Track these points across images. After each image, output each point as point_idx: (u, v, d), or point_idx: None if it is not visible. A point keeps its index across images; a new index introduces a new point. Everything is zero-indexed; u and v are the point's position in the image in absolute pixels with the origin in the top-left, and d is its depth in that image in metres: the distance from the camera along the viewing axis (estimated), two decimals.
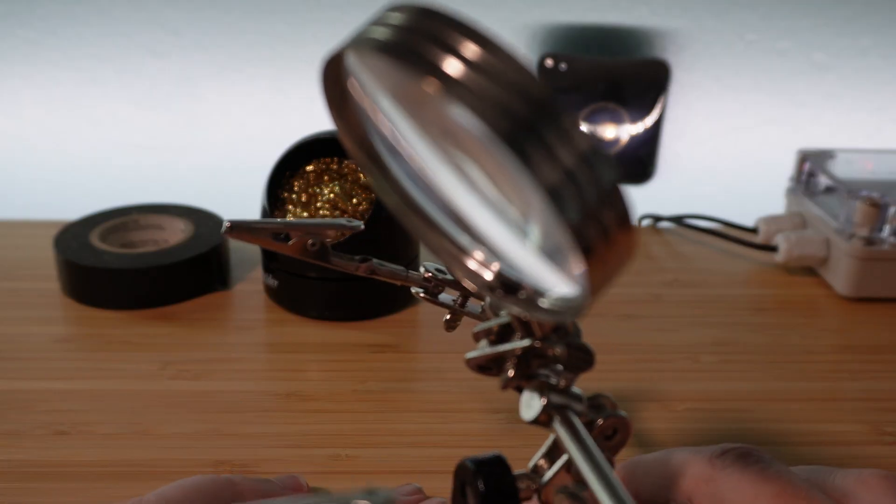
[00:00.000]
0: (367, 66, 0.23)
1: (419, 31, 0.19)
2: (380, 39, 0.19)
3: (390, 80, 0.22)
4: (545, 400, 0.28)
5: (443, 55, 0.18)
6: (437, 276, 0.36)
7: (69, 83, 0.75)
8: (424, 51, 0.18)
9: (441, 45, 0.18)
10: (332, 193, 0.53)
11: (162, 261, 0.55)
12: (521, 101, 0.18)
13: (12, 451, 0.42)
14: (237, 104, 0.76)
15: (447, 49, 0.18)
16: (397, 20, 0.19)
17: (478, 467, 0.28)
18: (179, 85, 0.75)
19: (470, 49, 0.18)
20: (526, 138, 0.18)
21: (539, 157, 0.18)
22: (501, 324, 0.29)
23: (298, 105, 0.76)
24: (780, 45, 0.75)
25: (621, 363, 0.51)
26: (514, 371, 0.28)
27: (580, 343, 0.29)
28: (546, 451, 0.29)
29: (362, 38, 0.20)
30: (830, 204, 0.61)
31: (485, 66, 0.18)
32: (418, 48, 0.19)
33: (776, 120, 0.77)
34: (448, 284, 0.36)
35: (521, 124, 0.18)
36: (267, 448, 0.42)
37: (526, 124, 0.18)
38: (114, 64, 0.74)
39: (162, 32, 0.73)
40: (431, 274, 0.36)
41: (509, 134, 0.18)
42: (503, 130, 0.18)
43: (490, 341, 0.29)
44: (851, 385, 0.49)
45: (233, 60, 0.74)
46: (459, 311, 0.37)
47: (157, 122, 0.76)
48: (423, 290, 0.37)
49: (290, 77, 0.75)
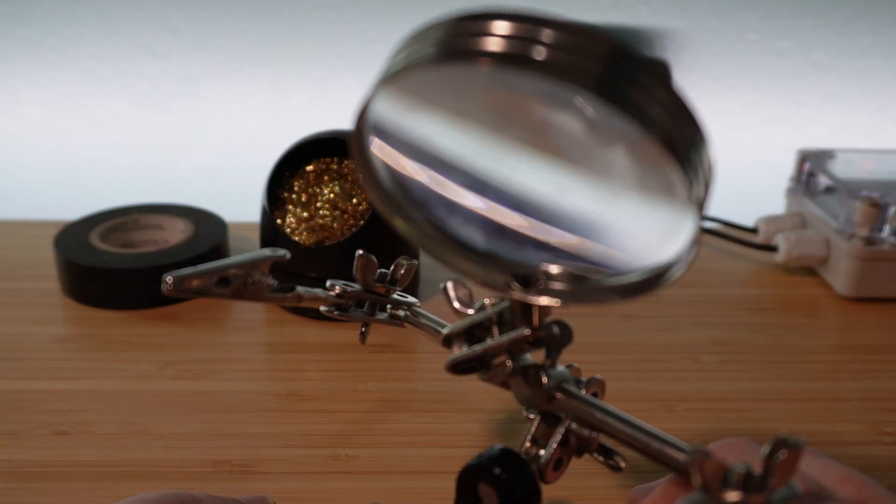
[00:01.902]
0: (407, 103, 0.23)
1: (495, 30, 0.19)
2: (464, 48, 0.20)
3: (450, 102, 0.23)
4: (546, 380, 0.29)
5: (526, 44, 0.19)
6: (347, 290, 0.36)
7: (69, 83, 0.75)
8: (514, 48, 0.19)
9: (521, 36, 0.19)
10: (332, 193, 0.53)
11: (162, 261, 0.55)
12: (607, 59, 0.19)
13: (12, 451, 0.42)
14: (237, 104, 0.76)
15: (527, 38, 0.19)
16: (457, 28, 0.20)
17: (492, 463, 0.28)
18: (179, 85, 0.75)
19: (547, 33, 0.19)
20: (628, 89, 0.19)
21: (642, 101, 0.19)
22: (474, 322, 0.29)
23: (298, 105, 0.76)
24: (780, 45, 0.75)
25: (621, 363, 0.51)
26: (513, 361, 0.29)
27: (563, 321, 0.30)
28: (532, 435, 0.30)
29: (418, 56, 0.20)
30: (830, 204, 0.61)
31: (565, 43, 0.19)
32: (504, 48, 0.19)
33: (776, 120, 0.77)
34: (361, 296, 0.37)
35: (617, 77, 0.19)
36: (267, 448, 0.42)
37: (623, 75, 0.19)
38: (114, 64, 0.74)
39: (162, 32, 0.73)
40: (340, 289, 0.36)
41: (611, 91, 0.19)
42: (612, 91, 0.19)
43: (468, 340, 0.30)
44: (851, 385, 0.49)
45: (233, 60, 0.74)
46: (372, 320, 0.37)
47: (157, 122, 0.76)
48: (335, 308, 0.37)
49: (290, 77, 0.75)
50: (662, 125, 0.19)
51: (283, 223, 0.54)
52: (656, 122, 0.19)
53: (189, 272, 0.30)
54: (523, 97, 0.22)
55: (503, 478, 0.28)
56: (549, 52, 0.19)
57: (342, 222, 0.53)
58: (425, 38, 0.20)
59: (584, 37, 0.19)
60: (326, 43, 0.74)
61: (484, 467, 0.28)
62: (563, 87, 0.19)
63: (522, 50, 0.19)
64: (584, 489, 0.40)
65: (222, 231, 0.59)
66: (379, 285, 0.37)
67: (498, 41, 0.19)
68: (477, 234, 0.27)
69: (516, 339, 0.29)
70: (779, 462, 0.22)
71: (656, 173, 0.21)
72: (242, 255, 0.32)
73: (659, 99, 0.19)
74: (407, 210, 0.27)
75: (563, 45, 0.19)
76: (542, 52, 0.19)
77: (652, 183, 0.22)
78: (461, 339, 0.30)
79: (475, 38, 0.19)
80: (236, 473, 0.40)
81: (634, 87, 0.19)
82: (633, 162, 0.22)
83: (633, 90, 0.19)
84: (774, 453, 0.22)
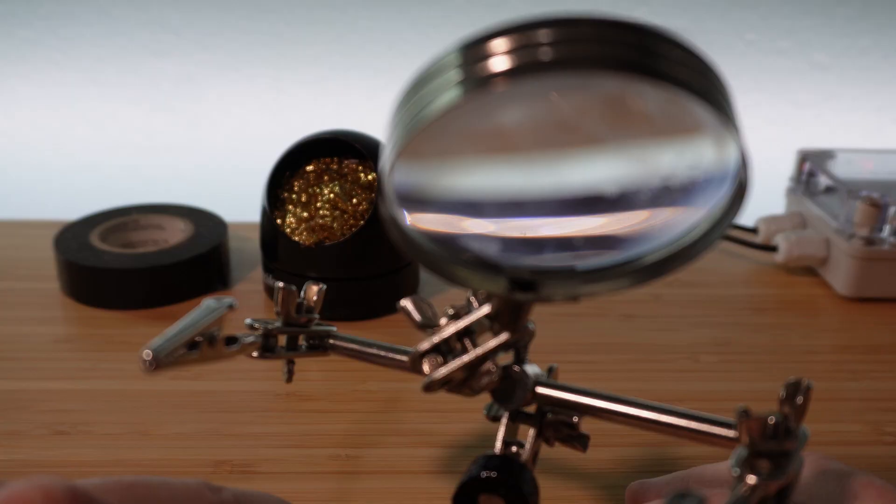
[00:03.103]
0: (420, 164, 0.23)
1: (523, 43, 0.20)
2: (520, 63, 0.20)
3: (460, 143, 0.23)
4: (534, 378, 0.30)
5: (532, 51, 0.19)
6: (269, 328, 0.35)
7: (69, 83, 0.75)
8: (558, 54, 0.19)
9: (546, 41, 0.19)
10: (332, 193, 0.53)
11: (162, 261, 0.55)
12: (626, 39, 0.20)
13: (12, 451, 0.42)
14: (237, 104, 0.76)
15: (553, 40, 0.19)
16: (461, 60, 0.20)
17: (493, 472, 0.29)
18: (179, 85, 0.75)
19: (578, 30, 0.20)
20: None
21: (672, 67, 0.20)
22: (444, 338, 0.30)
23: (298, 105, 0.76)
24: (780, 45, 0.75)
25: (621, 363, 0.51)
26: (496, 366, 0.30)
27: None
28: (505, 435, 0.31)
29: (440, 103, 0.20)
30: (830, 204, 0.61)
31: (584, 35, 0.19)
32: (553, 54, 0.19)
33: (776, 120, 0.77)
34: (282, 332, 0.35)
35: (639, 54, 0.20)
36: (267, 448, 0.42)
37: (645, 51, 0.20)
38: (114, 64, 0.74)
39: (162, 32, 0.73)
40: (260, 328, 0.35)
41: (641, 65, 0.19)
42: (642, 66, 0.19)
43: (444, 354, 0.30)
44: (851, 385, 0.49)
45: (233, 60, 0.74)
46: (296, 355, 0.36)
47: (157, 122, 0.76)
48: (262, 350, 0.35)
49: (290, 77, 0.75)
50: (692, 82, 0.20)
51: (283, 223, 0.54)
52: (686, 81, 0.20)
53: (161, 345, 0.29)
54: (530, 108, 0.22)
55: (512, 484, 0.28)
56: (557, 49, 0.19)
57: (342, 222, 0.53)
58: (428, 89, 0.21)
59: (585, 25, 0.19)
60: (326, 43, 0.74)
61: (486, 480, 0.29)
62: (587, 77, 0.20)
63: (531, 57, 0.19)
64: (585, 488, 0.40)
65: (222, 231, 0.59)
66: (300, 317, 0.36)
67: (504, 58, 0.20)
68: (494, 247, 0.27)
69: (502, 343, 0.29)
70: (798, 406, 0.25)
71: (684, 120, 0.22)
72: (195, 314, 0.31)
73: (677, 58, 0.20)
74: (448, 256, 0.27)
75: (568, 38, 0.19)
76: (549, 52, 0.19)
77: (682, 131, 0.23)
78: (433, 355, 0.30)
79: (482, 63, 0.20)
80: (236, 473, 0.40)
81: (653, 54, 0.20)
82: (662, 119, 0.23)
83: (654, 59, 0.20)
84: (793, 398, 0.25)
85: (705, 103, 0.20)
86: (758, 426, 0.25)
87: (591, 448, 0.42)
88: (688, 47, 0.20)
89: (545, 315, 0.47)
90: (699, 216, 0.25)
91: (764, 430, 0.25)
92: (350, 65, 0.75)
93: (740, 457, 0.25)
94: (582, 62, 0.19)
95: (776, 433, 0.25)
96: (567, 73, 0.19)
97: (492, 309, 0.29)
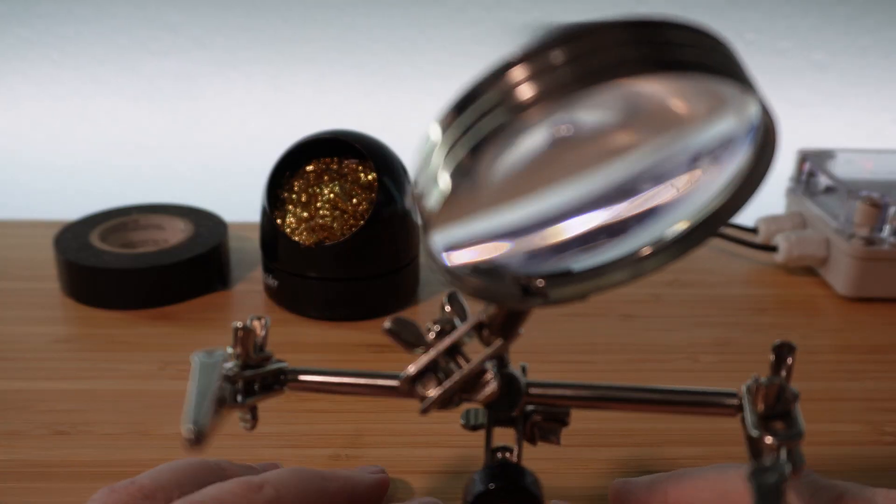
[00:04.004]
0: (456, 211, 0.23)
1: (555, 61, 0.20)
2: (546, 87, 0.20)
3: (491, 181, 0.23)
4: (521, 381, 0.30)
5: (553, 75, 0.19)
6: (242, 373, 0.32)
7: (69, 82, 0.75)
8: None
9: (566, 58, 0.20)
10: (332, 193, 0.53)
11: (162, 261, 0.55)
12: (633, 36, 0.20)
13: (12, 451, 0.42)
14: (237, 104, 0.76)
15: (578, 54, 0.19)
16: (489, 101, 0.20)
17: (508, 481, 0.29)
18: (179, 84, 0.75)
19: (557, 54, 0.20)
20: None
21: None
22: (431, 360, 0.30)
23: (298, 105, 0.76)
24: (780, 45, 0.75)
25: (621, 363, 0.51)
26: (495, 375, 0.30)
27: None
28: (489, 442, 0.31)
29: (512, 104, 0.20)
30: (830, 204, 0.61)
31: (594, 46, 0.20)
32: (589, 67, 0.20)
33: None
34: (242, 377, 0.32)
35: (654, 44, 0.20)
36: (267, 448, 0.42)
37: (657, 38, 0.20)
38: (113, 63, 0.74)
39: (161, 31, 0.73)
40: (236, 373, 0.32)
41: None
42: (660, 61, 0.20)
43: (435, 371, 0.30)
44: (851, 385, 0.49)
45: (232, 59, 0.74)
46: (256, 400, 0.33)
47: (157, 121, 0.76)
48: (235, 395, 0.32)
49: (290, 77, 0.75)
50: (708, 62, 0.20)
51: (283, 223, 0.54)
52: (703, 63, 0.20)
53: (197, 418, 0.27)
54: (552, 131, 0.22)
55: (524, 489, 0.29)
56: (573, 67, 0.19)
57: (342, 222, 0.53)
58: (465, 135, 0.20)
59: (594, 34, 0.19)
60: (326, 43, 0.74)
61: (499, 490, 0.29)
62: (610, 86, 0.20)
63: (553, 81, 0.19)
64: (586, 488, 0.40)
65: (222, 231, 0.59)
66: (257, 356, 0.33)
67: (525, 86, 0.19)
68: (518, 258, 0.27)
69: (497, 351, 0.29)
70: (789, 367, 0.28)
71: (706, 100, 0.23)
72: (201, 378, 0.30)
73: (687, 42, 0.20)
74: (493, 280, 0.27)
75: (581, 52, 0.19)
76: (568, 72, 0.19)
77: (706, 110, 0.23)
78: (428, 376, 0.30)
79: (509, 97, 0.19)
80: None
81: (666, 46, 0.20)
82: (685, 106, 0.23)
83: (669, 51, 0.20)
84: (784, 360, 0.28)
85: (726, 78, 0.21)
86: (773, 391, 0.27)
87: (591, 448, 0.42)
88: (693, 27, 0.20)
89: (544, 315, 0.47)
90: (726, 176, 0.25)
91: (779, 394, 0.27)
92: (350, 64, 0.75)
93: (754, 422, 0.27)
94: (605, 74, 0.19)
95: (780, 395, 0.27)
96: (593, 88, 0.19)
97: (487, 318, 0.29)
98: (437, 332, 0.30)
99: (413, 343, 0.30)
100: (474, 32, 0.72)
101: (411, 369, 0.30)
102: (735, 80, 0.21)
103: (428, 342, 0.30)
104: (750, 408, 0.28)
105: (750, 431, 0.27)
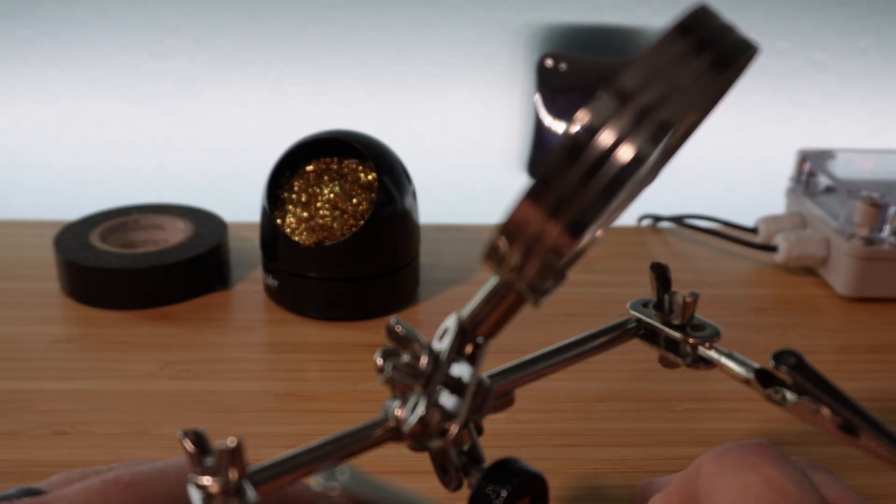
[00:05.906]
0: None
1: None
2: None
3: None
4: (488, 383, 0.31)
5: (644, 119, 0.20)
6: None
7: (69, 83, 0.75)
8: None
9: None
10: (332, 193, 0.53)
11: (162, 261, 0.55)
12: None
13: (12, 451, 0.42)
14: (237, 104, 0.76)
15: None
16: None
17: (517, 476, 0.29)
18: (179, 85, 0.75)
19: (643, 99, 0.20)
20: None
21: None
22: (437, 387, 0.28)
23: (298, 105, 0.76)
24: (780, 45, 0.75)
25: (621, 363, 0.51)
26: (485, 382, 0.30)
27: None
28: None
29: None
30: (830, 204, 0.61)
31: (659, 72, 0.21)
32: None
33: (776, 120, 0.77)
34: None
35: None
36: (267, 448, 0.42)
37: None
38: (114, 64, 0.74)
39: (162, 32, 0.73)
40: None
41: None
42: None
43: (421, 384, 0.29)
44: (851, 385, 0.49)
45: (233, 60, 0.74)
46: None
47: (157, 122, 0.76)
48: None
49: (290, 77, 0.75)
50: (740, 56, 0.22)
51: (283, 223, 0.54)
52: (739, 59, 0.21)
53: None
54: None
55: (537, 478, 0.29)
56: (663, 110, 0.20)
57: (342, 222, 0.53)
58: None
59: (653, 62, 0.20)
60: (326, 43, 0.74)
61: (516, 488, 0.29)
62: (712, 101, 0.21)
63: (652, 128, 0.20)
64: (585, 488, 0.40)
65: (222, 231, 0.59)
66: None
67: (627, 148, 0.20)
68: None
69: (483, 353, 0.29)
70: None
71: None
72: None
73: (726, 41, 0.22)
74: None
75: (667, 92, 0.20)
76: (661, 113, 0.20)
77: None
78: (433, 410, 0.28)
79: (612, 158, 0.20)
80: None
81: (727, 59, 0.21)
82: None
83: (727, 59, 0.21)
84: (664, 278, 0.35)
85: (742, 70, 0.21)
86: (691, 307, 0.37)
87: (590, 448, 0.42)
88: (721, 21, 0.21)
89: (544, 315, 0.47)
90: None
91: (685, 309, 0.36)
92: (350, 64, 0.75)
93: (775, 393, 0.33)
94: (690, 105, 0.20)
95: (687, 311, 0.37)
96: (684, 121, 0.20)
97: (468, 319, 0.28)
98: (434, 356, 0.27)
99: (416, 375, 0.29)
100: (474, 32, 0.72)
101: (420, 411, 0.28)
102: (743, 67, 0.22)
103: (421, 368, 0.28)
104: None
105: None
